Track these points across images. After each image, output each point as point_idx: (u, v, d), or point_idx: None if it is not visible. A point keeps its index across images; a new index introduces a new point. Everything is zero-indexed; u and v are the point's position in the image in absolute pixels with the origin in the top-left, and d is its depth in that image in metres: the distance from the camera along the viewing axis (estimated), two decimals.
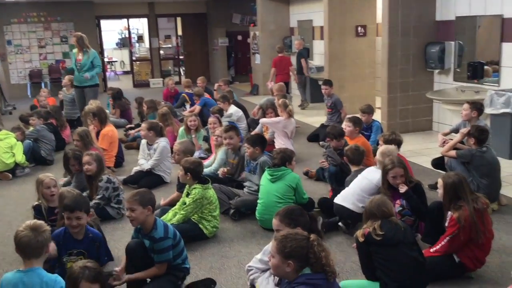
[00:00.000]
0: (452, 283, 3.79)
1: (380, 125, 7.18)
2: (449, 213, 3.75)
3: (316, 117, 10.32)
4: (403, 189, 4.28)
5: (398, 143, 5.35)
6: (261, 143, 5.42)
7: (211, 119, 7.32)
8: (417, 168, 6.68)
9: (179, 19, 18.41)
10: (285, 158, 4.93)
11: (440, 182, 3.87)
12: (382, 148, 4.84)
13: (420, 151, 7.64)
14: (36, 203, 4.61)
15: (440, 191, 3.86)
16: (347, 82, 10.62)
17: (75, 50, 9.08)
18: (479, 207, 3.69)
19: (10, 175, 6.98)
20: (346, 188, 4.78)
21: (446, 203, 3.81)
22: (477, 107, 5.78)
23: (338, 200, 4.72)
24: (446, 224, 3.75)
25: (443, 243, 3.75)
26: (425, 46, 8.45)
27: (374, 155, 5.78)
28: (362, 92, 10.74)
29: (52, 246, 3.50)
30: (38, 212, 4.53)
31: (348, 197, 4.66)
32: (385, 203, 3.52)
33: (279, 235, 2.87)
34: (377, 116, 8.94)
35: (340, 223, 4.79)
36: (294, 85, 12.65)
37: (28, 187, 6.62)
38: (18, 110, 12.33)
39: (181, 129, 7.49)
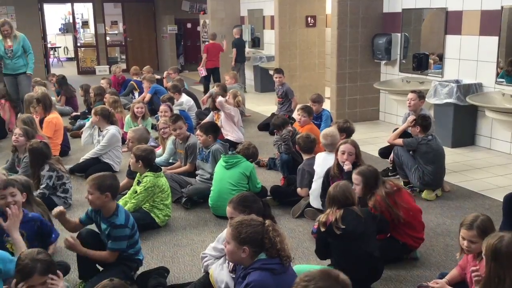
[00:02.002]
0: (400, 267, 3.91)
1: (329, 114, 7.29)
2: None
3: (267, 106, 10.36)
4: (346, 166, 4.30)
5: (351, 132, 5.47)
6: (214, 131, 5.41)
7: (162, 107, 7.19)
8: (364, 156, 6.70)
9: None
10: (251, 156, 5.01)
11: (358, 178, 3.85)
12: (324, 130, 4.92)
13: (367, 140, 7.82)
14: None
15: (358, 187, 3.85)
16: (298, 71, 10.73)
17: (0, 38, 8.44)
18: (389, 190, 3.80)
19: None
20: (314, 189, 4.75)
21: (366, 194, 3.85)
22: (423, 95, 5.97)
23: (314, 204, 4.76)
24: None
25: None
26: (373, 37, 8.63)
27: None
28: (312, 82, 10.88)
29: None
30: None
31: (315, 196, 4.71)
32: (349, 190, 3.54)
33: (234, 221, 2.87)
34: (327, 105, 9.09)
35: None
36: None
37: None
38: None
39: (128, 116, 7.34)
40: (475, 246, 3.00)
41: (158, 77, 10.98)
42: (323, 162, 4.75)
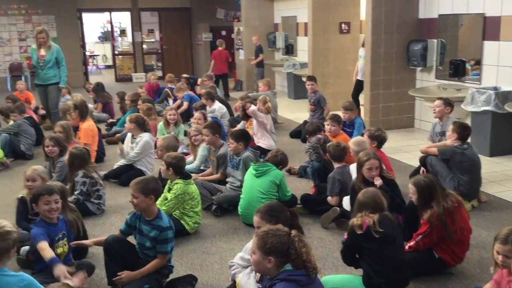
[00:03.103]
0: (433, 280, 3.81)
1: (362, 122, 7.20)
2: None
3: (300, 113, 10.31)
4: (378, 181, 4.29)
5: (383, 140, 5.38)
6: (245, 138, 5.39)
7: (196, 115, 7.25)
8: (399, 164, 6.72)
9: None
10: (280, 162, 4.96)
11: (412, 188, 3.81)
12: (354, 138, 4.87)
13: (401, 148, 7.68)
14: (22, 195, 4.52)
15: (414, 196, 3.82)
16: (331, 78, 10.64)
17: (34, 46, 8.33)
18: (449, 206, 3.70)
19: None
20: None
21: (421, 205, 3.79)
22: (449, 102, 5.85)
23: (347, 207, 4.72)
24: (421, 222, 3.78)
25: (416, 239, 3.77)
26: (408, 43, 8.49)
27: None
28: (345, 89, 10.72)
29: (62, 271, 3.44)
30: (23, 204, 4.45)
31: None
32: (379, 196, 3.51)
33: (260, 231, 2.85)
34: (360, 113, 9.00)
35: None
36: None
37: (6, 181, 6.53)
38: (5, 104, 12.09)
39: (161, 123, 7.42)
40: (510, 261, 2.89)
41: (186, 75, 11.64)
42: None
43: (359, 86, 9.25)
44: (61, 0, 15.62)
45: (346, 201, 4.74)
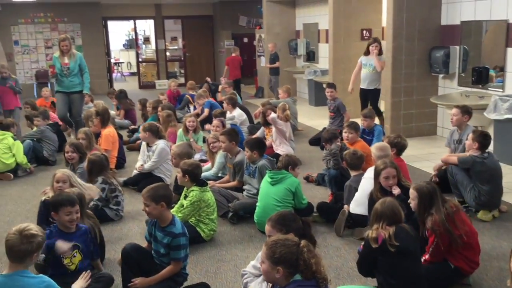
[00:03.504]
0: None
1: (382, 129, 7.13)
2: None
3: (320, 120, 10.27)
4: (396, 190, 4.24)
5: (402, 147, 5.32)
6: (259, 147, 5.36)
7: (215, 122, 7.29)
8: (419, 173, 6.63)
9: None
10: (289, 162, 4.91)
11: (413, 193, 3.77)
12: (377, 143, 4.83)
13: (423, 156, 7.58)
14: (45, 197, 4.59)
15: (413, 202, 3.77)
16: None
17: (57, 54, 8.27)
18: (449, 211, 3.64)
19: (11, 175, 6.99)
20: (356, 194, 4.71)
21: (421, 213, 3.73)
22: (468, 110, 5.76)
23: (354, 209, 4.68)
24: (426, 234, 3.72)
25: (429, 253, 3.71)
26: (430, 50, 8.39)
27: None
28: None
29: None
30: (45, 206, 4.47)
31: (360, 203, 4.63)
32: (397, 206, 3.45)
33: (269, 240, 2.84)
34: (383, 121, 8.91)
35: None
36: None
37: (29, 187, 6.65)
38: (23, 110, 12.33)
39: (180, 130, 7.47)
40: None
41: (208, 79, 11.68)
42: (370, 174, 4.65)
43: (366, 96, 8.74)
44: (87, 9, 15.92)
45: (352, 205, 4.71)
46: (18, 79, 9.14)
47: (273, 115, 7.06)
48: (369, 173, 4.69)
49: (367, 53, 8.56)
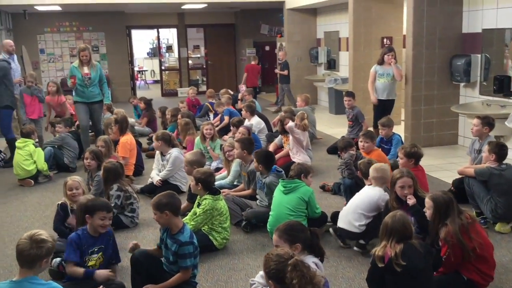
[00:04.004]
0: None
1: (400, 138, 7.05)
2: None
3: (340, 129, 10.20)
4: (411, 200, 4.18)
5: (419, 157, 5.24)
6: (266, 161, 5.26)
7: (241, 129, 7.31)
8: (438, 183, 6.53)
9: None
10: (301, 170, 4.88)
11: (429, 202, 3.71)
12: (375, 164, 4.75)
13: (443, 165, 7.46)
14: (62, 201, 4.69)
15: (429, 211, 3.71)
16: None
17: (76, 64, 8.06)
18: (464, 222, 3.56)
19: (32, 182, 7.12)
20: (343, 209, 4.72)
21: (436, 223, 3.66)
22: (489, 122, 5.65)
23: (340, 224, 4.66)
24: (440, 245, 3.64)
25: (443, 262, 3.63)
26: (451, 58, 8.28)
27: (393, 168, 5.70)
28: None
29: None
30: (63, 209, 4.62)
31: (344, 217, 4.62)
32: (408, 221, 3.39)
33: (268, 253, 2.85)
34: (401, 128, 8.82)
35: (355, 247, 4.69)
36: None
37: (49, 194, 6.76)
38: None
39: (198, 138, 7.50)
40: None
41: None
42: (363, 194, 4.66)
43: (385, 106, 8.42)
44: (111, 18, 16.17)
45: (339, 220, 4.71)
46: (43, 89, 9.17)
47: (290, 123, 7.04)
48: (366, 191, 4.66)
49: (381, 62, 8.40)
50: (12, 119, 8.58)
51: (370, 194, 4.57)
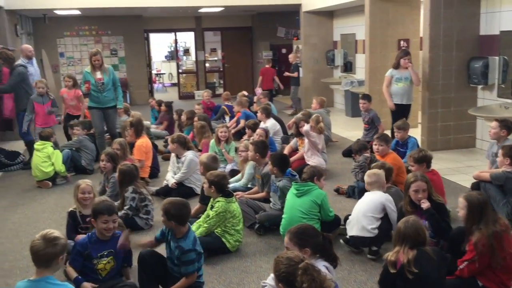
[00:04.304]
0: None
1: (416, 141, 6.99)
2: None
3: (356, 131, 10.15)
4: (425, 204, 4.15)
5: (429, 160, 5.21)
6: (281, 164, 5.28)
7: (258, 131, 7.35)
8: (454, 186, 6.46)
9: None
10: (314, 173, 4.88)
11: (462, 202, 3.65)
12: (370, 171, 4.78)
13: (460, 169, 7.38)
14: (71, 209, 4.73)
15: (462, 211, 3.66)
16: None
17: (88, 69, 8.01)
18: (498, 229, 3.49)
19: (50, 183, 7.23)
20: (352, 216, 4.67)
21: (469, 224, 3.61)
22: (507, 125, 5.58)
23: (351, 233, 4.61)
24: (466, 248, 3.59)
25: (461, 267, 3.58)
26: (468, 61, 8.19)
27: (409, 172, 5.67)
28: None
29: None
30: (72, 218, 4.66)
31: (354, 225, 4.58)
32: (421, 226, 3.37)
33: (278, 256, 2.85)
34: (418, 131, 8.74)
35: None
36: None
37: (66, 195, 6.85)
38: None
39: (212, 140, 7.53)
40: None
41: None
42: (366, 199, 4.65)
43: (404, 111, 8.20)
44: (129, 22, 16.33)
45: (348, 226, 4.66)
46: (55, 98, 8.60)
47: (306, 127, 7.03)
48: (371, 196, 4.64)
49: (397, 66, 8.22)
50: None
51: (372, 197, 4.58)
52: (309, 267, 2.70)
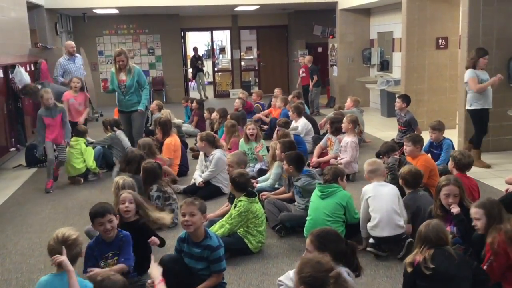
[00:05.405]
0: None
1: (451, 143, 6.72)
2: None
3: (390, 132, 9.91)
4: (455, 209, 3.99)
5: (463, 165, 5.00)
6: (297, 162, 5.20)
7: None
8: (491, 190, 6.20)
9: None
10: (337, 174, 4.76)
11: (478, 212, 3.53)
12: (370, 159, 4.87)
13: (497, 173, 7.08)
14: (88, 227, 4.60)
15: (481, 221, 3.52)
16: (426, 96, 10.19)
17: (114, 70, 7.60)
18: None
19: (82, 180, 7.34)
20: (377, 216, 4.46)
21: (487, 229, 3.49)
22: None
23: (383, 232, 4.44)
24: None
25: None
26: (509, 60, 7.86)
27: (442, 175, 5.48)
28: (442, 107, 10.24)
29: None
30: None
31: (385, 224, 4.43)
32: (443, 229, 3.27)
33: (305, 257, 2.75)
34: (455, 133, 8.45)
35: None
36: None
37: (96, 191, 6.95)
38: (104, 117, 12.97)
39: (242, 139, 7.47)
40: None
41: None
42: (385, 194, 4.53)
43: (486, 116, 7.48)
44: (166, 20, 16.50)
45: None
46: (65, 110, 7.41)
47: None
48: (387, 189, 4.56)
49: (473, 66, 7.32)
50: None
51: (389, 191, 4.54)
52: (340, 276, 2.61)
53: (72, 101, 8.50)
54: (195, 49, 17.71)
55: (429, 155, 6.40)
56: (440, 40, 10.07)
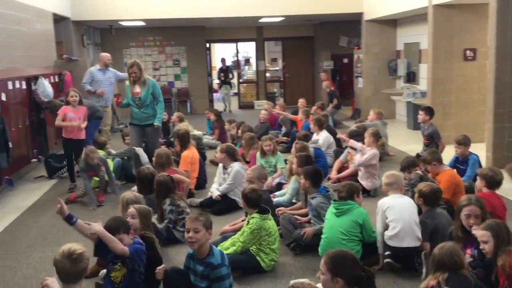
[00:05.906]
0: None
1: (478, 158, 6.46)
2: None
3: (416, 145, 9.62)
4: (476, 231, 3.76)
5: (492, 181, 4.76)
6: (314, 177, 5.06)
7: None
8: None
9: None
10: (352, 190, 4.59)
11: (486, 234, 3.37)
12: (388, 172, 4.71)
13: None
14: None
15: (489, 244, 3.35)
16: (453, 109, 9.90)
17: (127, 82, 7.38)
18: None
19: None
20: (398, 226, 4.31)
21: (496, 252, 3.32)
22: None
23: (403, 243, 4.27)
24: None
25: None
26: None
27: (468, 191, 5.27)
28: (470, 120, 9.93)
29: None
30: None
31: (408, 235, 4.28)
32: (457, 252, 3.13)
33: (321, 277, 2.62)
34: (482, 147, 8.15)
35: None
36: None
37: (113, 203, 6.90)
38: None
39: (258, 153, 7.33)
40: None
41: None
42: (404, 206, 4.42)
43: None
44: (192, 32, 16.56)
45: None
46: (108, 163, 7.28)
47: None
48: (404, 201, 4.45)
49: None
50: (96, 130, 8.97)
51: (408, 202, 4.47)
52: None
53: (71, 115, 7.47)
54: (223, 60, 17.74)
55: (455, 170, 6.16)
56: (468, 52, 9.79)
